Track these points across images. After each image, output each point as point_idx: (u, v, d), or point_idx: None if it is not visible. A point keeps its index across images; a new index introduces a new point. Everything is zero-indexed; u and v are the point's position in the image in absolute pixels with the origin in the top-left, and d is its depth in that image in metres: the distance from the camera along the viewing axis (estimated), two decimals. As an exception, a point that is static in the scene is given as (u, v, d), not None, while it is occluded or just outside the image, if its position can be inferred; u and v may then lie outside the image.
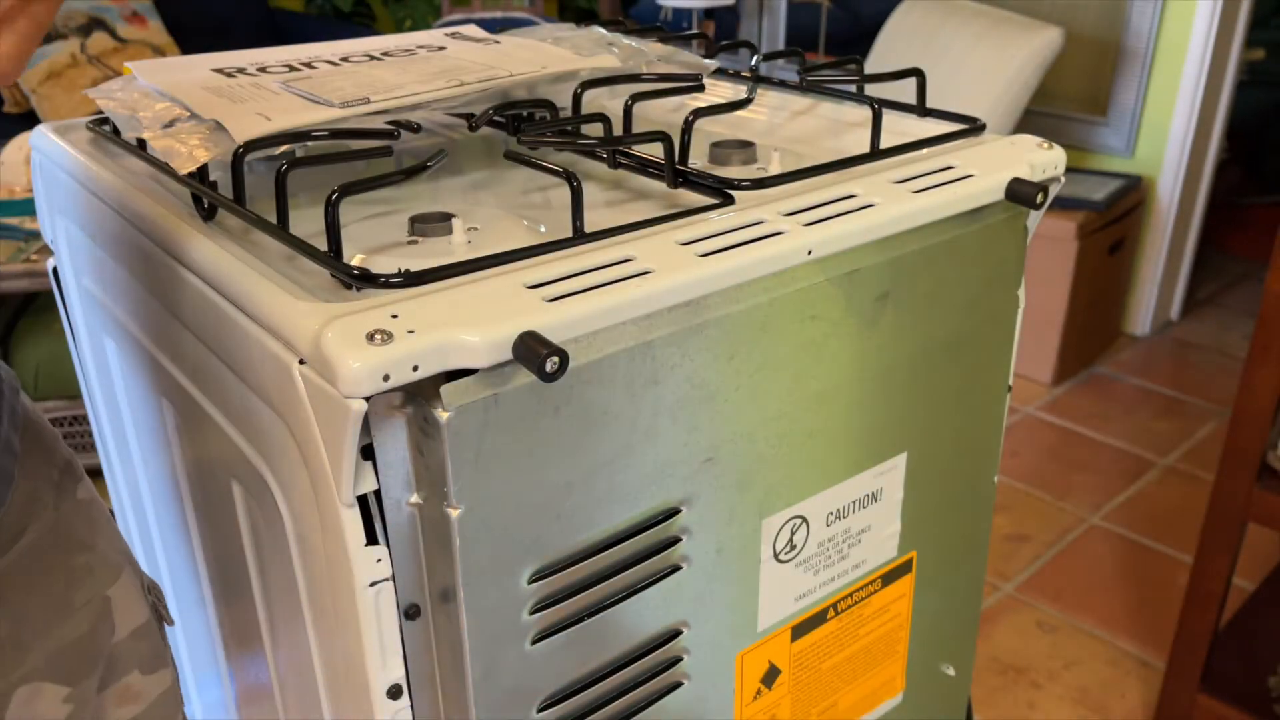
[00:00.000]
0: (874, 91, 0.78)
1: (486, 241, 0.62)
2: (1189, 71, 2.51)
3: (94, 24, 2.98)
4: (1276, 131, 3.60)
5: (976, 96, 2.46)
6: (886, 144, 0.73)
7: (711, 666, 0.67)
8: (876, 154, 0.72)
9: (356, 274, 0.53)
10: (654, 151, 0.68)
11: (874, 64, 2.73)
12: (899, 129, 0.80)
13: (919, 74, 0.80)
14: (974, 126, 0.77)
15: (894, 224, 0.65)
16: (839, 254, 0.63)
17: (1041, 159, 0.73)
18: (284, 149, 0.68)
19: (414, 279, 0.53)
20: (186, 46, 3.15)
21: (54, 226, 0.84)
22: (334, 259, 0.54)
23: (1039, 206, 0.70)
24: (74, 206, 0.78)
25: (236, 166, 0.61)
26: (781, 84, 0.91)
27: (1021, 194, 0.70)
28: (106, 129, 0.78)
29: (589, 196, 0.69)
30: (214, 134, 0.64)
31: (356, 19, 3.97)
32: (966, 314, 0.73)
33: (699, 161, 0.75)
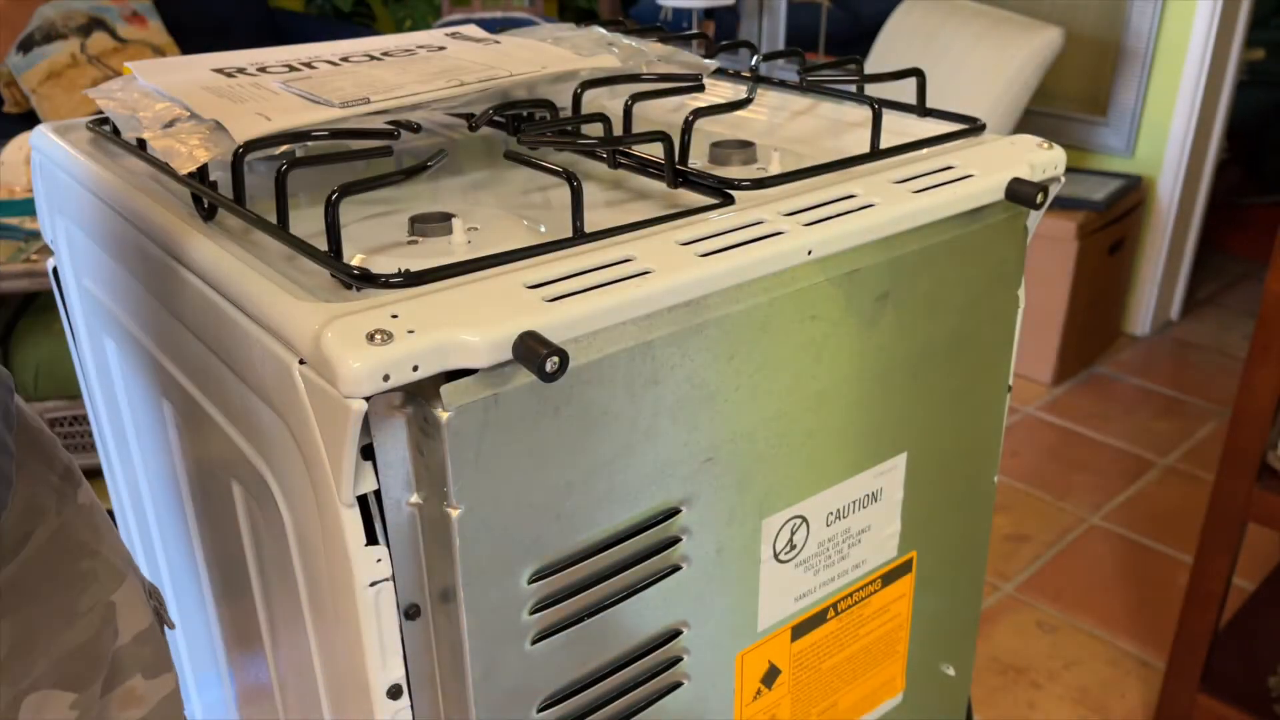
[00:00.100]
0: (874, 91, 0.78)
1: (486, 241, 0.62)
2: (1189, 71, 2.51)
3: (94, 24, 2.98)
4: (1276, 131, 3.60)
5: (976, 96, 2.46)
6: (886, 144, 0.73)
7: (711, 666, 0.67)
8: (876, 154, 0.72)
9: (356, 274, 0.53)
10: (654, 151, 0.68)
11: (874, 64, 2.73)
12: (899, 129, 0.80)
13: (919, 74, 0.80)
14: (974, 126, 0.77)
15: (894, 224, 0.65)
16: (839, 254, 0.63)
17: (1041, 159, 0.73)
18: (284, 149, 0.68)
19: (414, 279, 0.53)
20: (186, 46, 3.15)
21: (54, 226, 0.84)
22: (334, 259, 0.54)
23: (1039, 206, 0.70)
24: (74, 206, 0.78)
25: (236, 166, 0.61)
26: (781, 84, 0.91)
27: (1021, 194, 0.70)
28: (106, 129, 0.78)
29: (589, 196, 0.69)
30: (214, 134, 0.64)
31: (356, 19, 3.97)
32: (966, 314, 0.73)
33: (699, 161, 0.75)
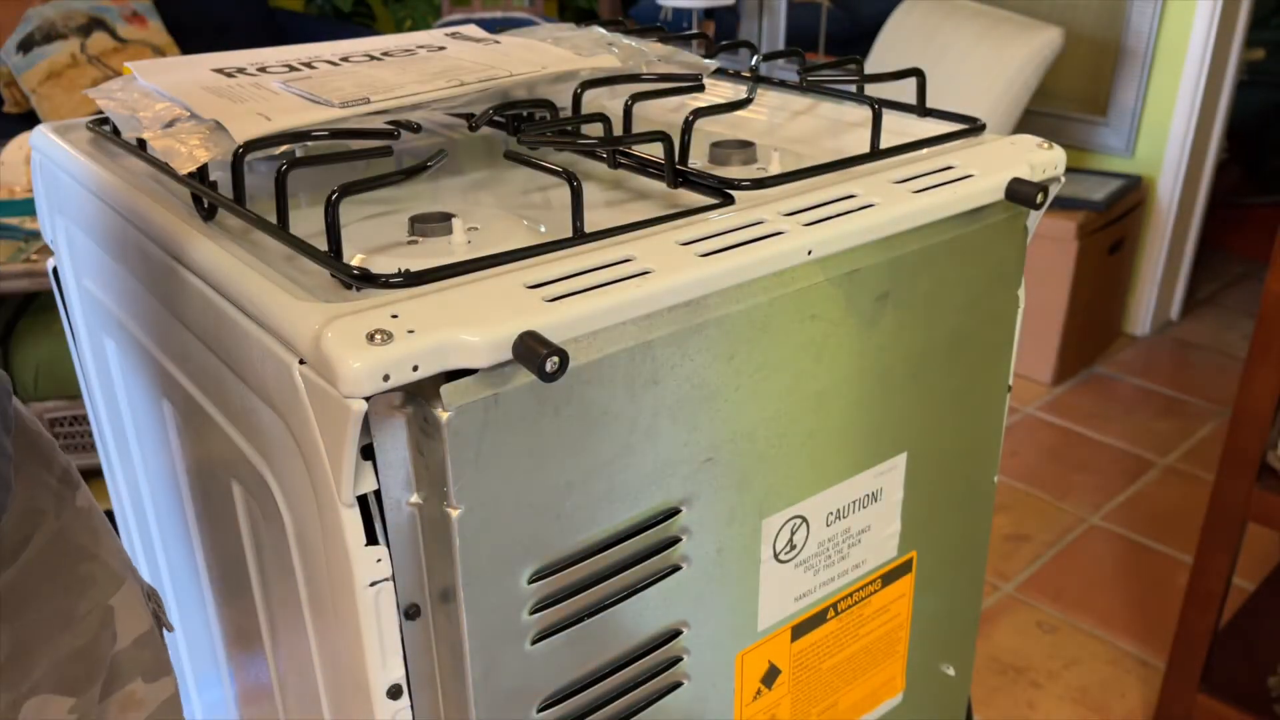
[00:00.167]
0: (874, 91, 0.78)
1: (486, 241, 0.62)
2: (1189, 71, 2.51)
3: (94, 24, 2.98)
4: (1276, 131, 3.60)
5: (976, 96, 2.46)
6: (886, 144, 0.73)
7: (711, 666, 0.67)
8: (876, 154, 0.72)
9: (356, 274, 0.53)
10: (654, 151, 0.68)
11: (874, 64, 2.73)
12: (899, 129, 0.80)
13: (919, 74, 0.80)
14: (974, 126, 0.77)
15: (894, 224, 0.65)
16: (839, 254, 0.63)
17: (1041, 159, 0.73)
18: (284, 149, 0.68)
19: (414, 279, 0.53)
20: (186, 46, 3.15)
21: (54, 226, 0.84)
22: (334, 259, 0.54)
23: (1039, 206, 0.70)
24: (74, 206, 0.78)
25: (236, 166, 0.61)
26: (781, 84, 0.91)
27: (1021, 194, 0.70)
28: (106, 129, 0.78)
29: (589, 196, 0.69)
30: (214, 134, 0.64)
31: (356, 19, 3.97)
32: (966, 314, 0.73)
33: (699, 161, 0.75)
